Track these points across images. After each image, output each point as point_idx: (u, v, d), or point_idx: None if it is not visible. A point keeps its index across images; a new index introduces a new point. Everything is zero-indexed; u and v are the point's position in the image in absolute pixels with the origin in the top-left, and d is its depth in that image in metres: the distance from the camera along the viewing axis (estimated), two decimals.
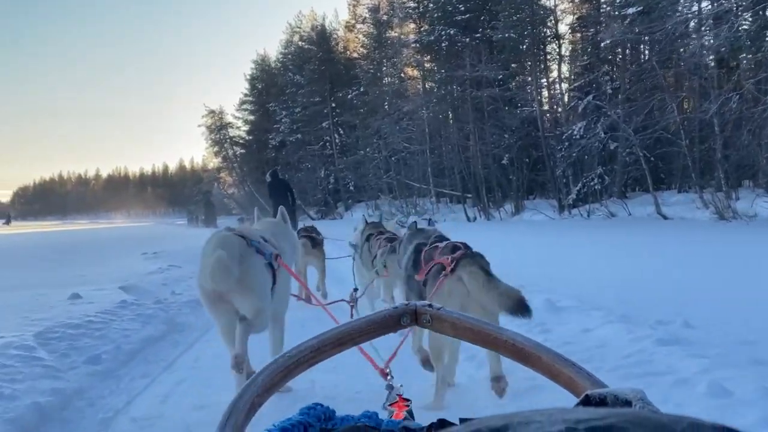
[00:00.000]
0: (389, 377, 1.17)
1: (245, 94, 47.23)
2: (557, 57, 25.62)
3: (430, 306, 1.09)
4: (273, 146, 43.64)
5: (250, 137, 47.07)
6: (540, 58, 25.60)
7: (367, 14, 36.82)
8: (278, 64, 45.15)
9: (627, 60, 23.56)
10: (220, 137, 46.00)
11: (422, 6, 31.25)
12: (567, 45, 25.79)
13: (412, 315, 1.08)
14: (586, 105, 21.99)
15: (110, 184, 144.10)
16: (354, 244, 6.22)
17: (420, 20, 30.81)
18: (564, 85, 25.97)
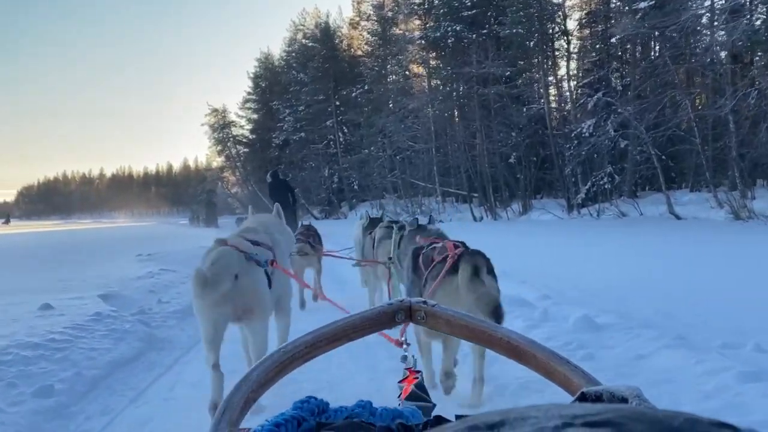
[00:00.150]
0: (404, 346, 1.19)
1: (248, 93, 47.19)
2: (566, 54, 25.17)
3: (425, 303, 1.10)
4: (276, 145, 43.50)
5: (254, 136, 46.99)
6: (548, 55, 25.17)
7: (372, 11, 36.55)
8: (282, 62, 45.02)
9: (638, 56, 23.09)
10: (223, 136, 45.90)
11: (428, 2, 30.82)
12: (576, 41, 25.34)
13: (407, 311, 1.09)
14: (596, 102, 21.54)
15: (114, 184, 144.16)
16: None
17: (425, 16, 30.40)
18: (572, 83, 25.51)
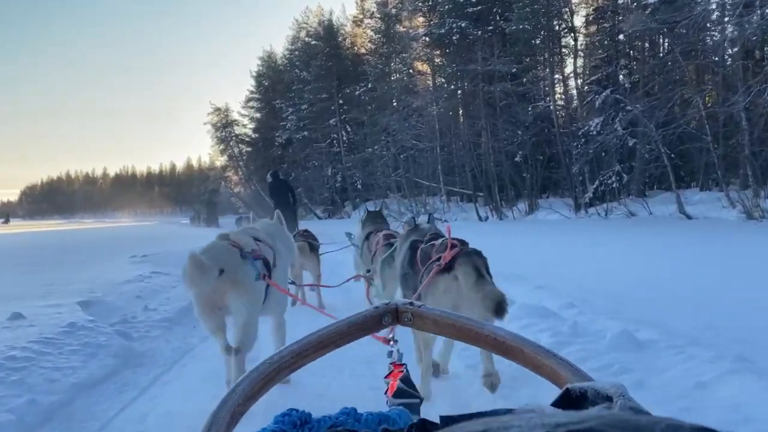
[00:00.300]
0: (392, 342, 1.16)
1: (251, 91, 46.96)
2: (573, 50, 24.74)
3: (411, 304, 1.09)
4: (279, 144, 43.23)
5: (256, 135, 46.75)
6: (555, 51, 24.76)
7: (375, 8, 36.18)
8: (285, 61, 44.74)
9: (646, 52, 22.67)
10: (226, 135, 45.68)
11: None
12: (583, 38, 24.90)
13: (393, 314, 1.08)
14: (604, 100, 21.12)
15: (117, 184, 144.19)
16: (353, 240, 6.23)
17: (430, 13, 29.96)
18: (579, 80, 25.09)
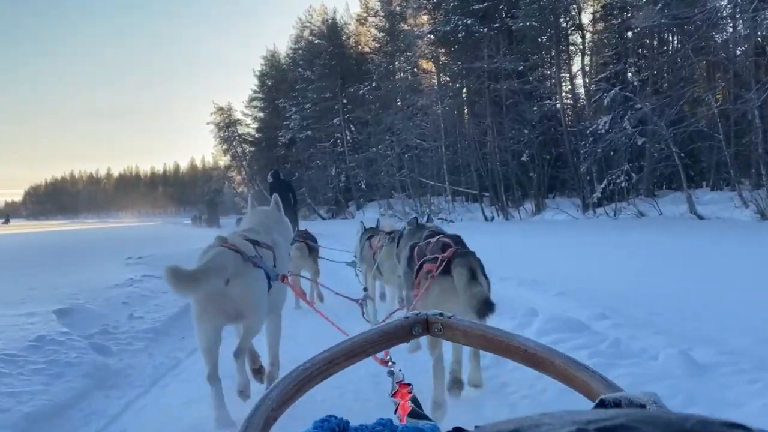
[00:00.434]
0: (390, 363, 1.16)
1: (255, 91, 46.79)
2: (580, 48, 24.33)
3: (441, 315, 1.10)
4: (282, 143, 43.04)
5: (260, 135, 46.58)
6: (562, 48, 24.35)
7: (379, 6, 35.86)
8: (288, 60, 44.57)
9: (656, 50, 22.25)
10: (229, 134, 45.51)
11: None
12: (591, 35, 24.49)
13: (424, 324, 1.09)
14: (613, 98, 20.71)
15: (121, 184, 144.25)
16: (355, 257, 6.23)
17: (435, 11, 29.60)
18: (587, 78, 24.68)
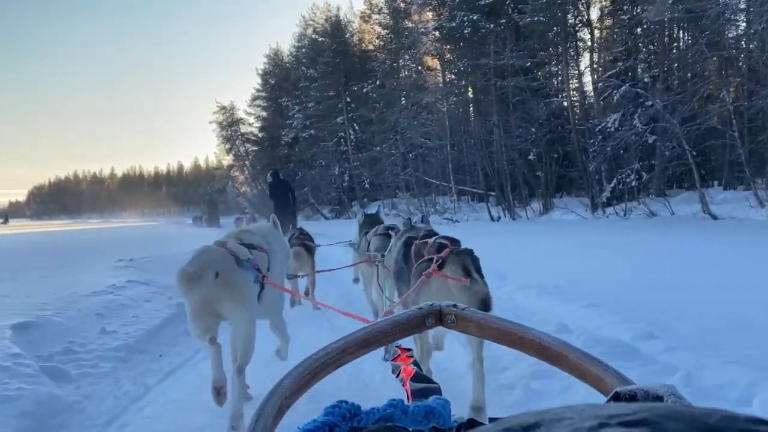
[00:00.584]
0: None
1: (257, 90, 46.44)
2: (589, 44, 23.85)
3: (455, 306, 1.09)
4: (286, 143, 42.67)
5: (263, 134, 46.23)
6: (571, 44, 23.87)
7: (383, 3, 35.46)
8: (291, 58, 44.22)
9: (667, 45, 21.74)
10: (231, 134, 45.09)
11: None
12: (599, 31, 23.99)
13: (437, 316, 1.08)
14: (623, 95, 20.21)
15: (125, 184, 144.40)
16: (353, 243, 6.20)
17: (440, 7, 29.14)
18: (596, 75, 24.20)
